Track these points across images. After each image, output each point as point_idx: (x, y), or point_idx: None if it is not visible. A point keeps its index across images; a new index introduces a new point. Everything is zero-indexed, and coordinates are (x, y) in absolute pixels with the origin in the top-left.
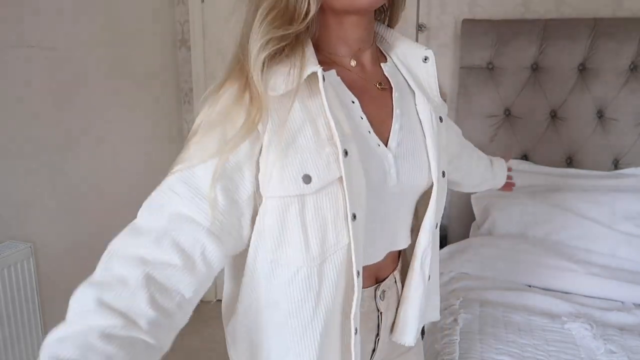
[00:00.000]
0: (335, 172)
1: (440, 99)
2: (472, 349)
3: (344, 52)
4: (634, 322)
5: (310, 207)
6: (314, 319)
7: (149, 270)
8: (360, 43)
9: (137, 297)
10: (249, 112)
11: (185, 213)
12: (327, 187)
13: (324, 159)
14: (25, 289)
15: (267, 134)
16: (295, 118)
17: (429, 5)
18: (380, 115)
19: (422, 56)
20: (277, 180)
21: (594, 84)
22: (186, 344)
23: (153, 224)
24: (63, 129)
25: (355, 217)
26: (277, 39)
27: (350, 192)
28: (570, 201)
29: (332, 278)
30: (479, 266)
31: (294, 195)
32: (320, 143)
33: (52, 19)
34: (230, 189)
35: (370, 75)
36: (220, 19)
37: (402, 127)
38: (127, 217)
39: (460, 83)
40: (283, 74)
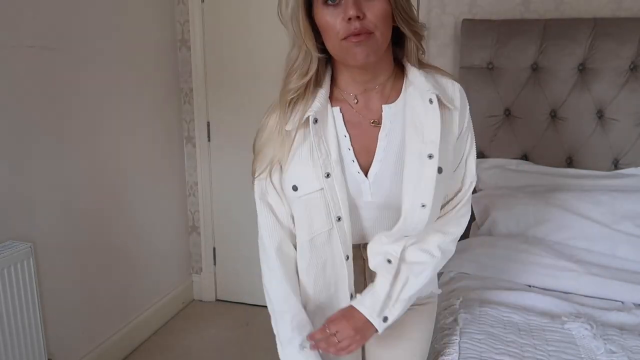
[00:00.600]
0: (319, 185)
1: (436, 137)
2: (472, 348)
3: (352, 90)
4: (634, 322)
5: (298, 206)
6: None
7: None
8: (366, 84)
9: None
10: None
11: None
12: (310, 194)
13: (309, 175)
14: (25, 289)
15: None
16: (296, 145)
17: (429, 5)
18: (367, 147)
19: (428, 98)
20: (282, 186)
21: (594, 84)
22: (186, 344)
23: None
24: (63, 129)
25: (340, 218)
26: (294, 88)
27: (334, 201)
28: (570, 201)
29: (318, 252)
30: (479, 266)
31: (289, 197)
32: (309, 162)
33: (52, 19)
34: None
35: (369, 113)
36: (220, 19)
37: (383, 159)
38: (127, 217)
39: (460, 83)
40: (296, 113)
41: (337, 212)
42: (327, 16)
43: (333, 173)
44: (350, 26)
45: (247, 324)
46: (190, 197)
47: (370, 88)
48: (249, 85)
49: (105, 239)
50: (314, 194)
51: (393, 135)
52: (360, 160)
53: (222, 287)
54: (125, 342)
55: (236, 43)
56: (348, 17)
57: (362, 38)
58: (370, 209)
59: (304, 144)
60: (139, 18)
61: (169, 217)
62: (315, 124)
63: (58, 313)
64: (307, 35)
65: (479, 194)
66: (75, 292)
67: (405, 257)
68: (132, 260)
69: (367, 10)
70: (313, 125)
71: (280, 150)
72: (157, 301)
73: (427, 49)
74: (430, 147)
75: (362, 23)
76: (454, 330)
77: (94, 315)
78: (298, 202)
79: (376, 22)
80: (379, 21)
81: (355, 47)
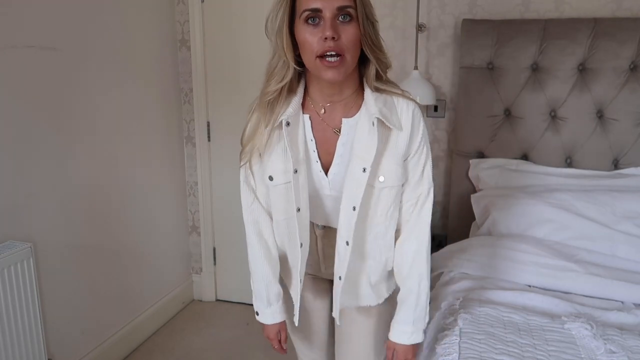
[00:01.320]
0: (288, 179)
1: (371, 155)
2: (472, 348)
3: (320, 100)
4: (634, 322)
5: (274, 193)
6: (282, 241)
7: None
8: (332, 97)
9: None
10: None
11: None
12: (281, 185)
13: (282, 169)
14: (25, 289)
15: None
16: (273, 142)
17: (429, 5)
18: (328, 151)
19: (372, 121)
20: (262, 175)
21: (594, 84)
22: (186, 344)
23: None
24: (63, 129)
25: (299, 210)
26: (271, 91)
27: (297, 193)
28: (570, 201)
29: (286, 231)
30: (479, 266)
31: (267, 185)
32: (283, 158)
33: (52, 19)
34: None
35: (332, 122)
36: (220, 19)
37: (339, 164)
38: (127, 217)
39: (460, 83)
40: (272, 115)
41: (298, 203)
42: (307, 34)
43: (300, 169)
44: (325, 44)
45: (247, 324)
46: (190, 197)
47: (335, 100)
48: (249, 85)
49: (105, 239)
50: (283, 185)
51: (348, 145)
52: (322, 160)
53: (222, 287)
54: (125, 342)
55: (236, 43)
56: (325, 37)
57: (335, 64)
58: (330, 200)
59: (279, 143)
60: (139, 18)
61: (169, 217)
62: (287, 126)
63: (58, 313)
64: (287, 48)
65: (479, 194)
66: (75, 292)
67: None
68: (132, 260)
69: (342, 33)
70: (286, 128)
71: (260, 142)
72: (157, 301)
73: (427, 49)
74: (366, 162)
75: (337, 44)
76: (454, 330)
77: (94, 315)
78: (273, 190)
79: (348, 44)
80: (350, 44)
81: (327, 69)
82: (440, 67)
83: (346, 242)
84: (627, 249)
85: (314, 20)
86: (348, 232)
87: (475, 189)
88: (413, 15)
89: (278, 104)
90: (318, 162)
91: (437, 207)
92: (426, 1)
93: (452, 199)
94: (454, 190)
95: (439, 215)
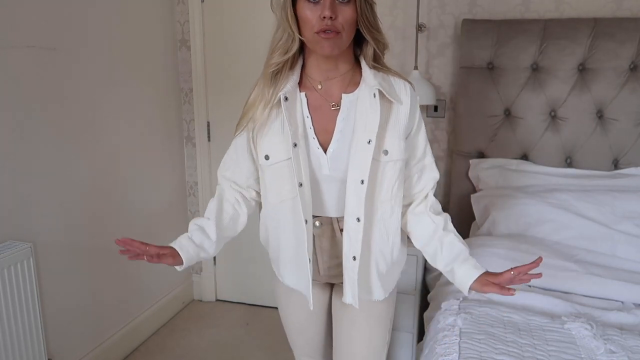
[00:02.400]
0: (287, 155)
1: (375, 126)
2: (472, 348)
3: (317, 76)
4: (634, 322)
5: (269, 173)
6: (279, 227)
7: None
8: (329, 72)
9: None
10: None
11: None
12: (279, 163)
13: (279, 146)
14: (25, 289)
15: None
16: (271, 119)
17: (429, 5)
18: (326, 128)
19: (372, 92)
20: (257, 157)
21: (594, 84)
22: (186, 344)
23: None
24: (63, 129)
25: (302, 184)
26: (275, 62)
27: (297, 168)
28: (570, 201)
29: (285, 214)
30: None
31: (260, 165)
32: (280, 136)
33: (52, 19)
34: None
35: (330, 98)
36: (220, 19)
37: (339, 139)
38: (127, 217)
39: (460, 83)
40: (274, 88)
41: (299, 178)
42: (307, 11)
43: (299, 144)
44: (323, 23)
45: (247, 324)
46: (190, 197)
47: (332, 76)
48: (249, 85)
49: (105, 238)
50: (282, 162)
51: (348, 120)
52: (320, 138)
53: (222, 287)
54: (125, 342)
55: (236, 43)
56: (323, 16)
57: (331, 36)
58: (328, 182)
59: (276, 120)
60: (139, 18)
61: (169, 217)
62: (286, 101)
63: (58, 313)
64: (292, 21)
65: (479, 194)
66: (75, 292)
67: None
68: (132, 260)
69: (339, 13)
70: (284, 102)
71: (260, 113)
72: (157, 301)
73: (427, 49)
74: (370, 134)
75: (334, 23)
76: (453, 330)
77: (94, 315)
78: (269, 170)
79: (344, 24)
80: (346, 24)
81: (324, 41)
82: (440, 67)
83: (357, 218)
84: (627, 249)
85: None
86: (358, 207)
87: (475, 189)
88: (413, 15)
89: (281, 76)
90: (315, 139)
91: None
92: (426, 1)
93: (452, 199)
94: (454, 190)
95: None
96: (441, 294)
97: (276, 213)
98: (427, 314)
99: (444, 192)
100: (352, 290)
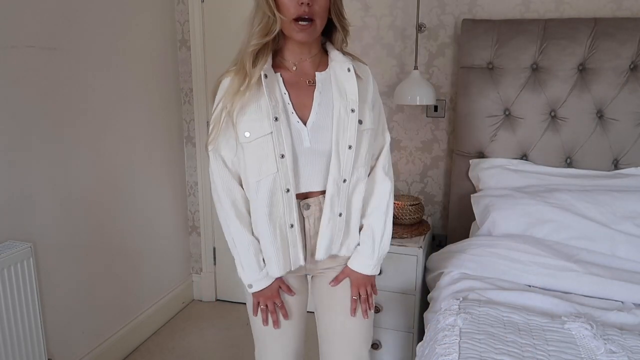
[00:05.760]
0: (268, 129)
1: (355, 96)
2: (472, 348)
3: (291, 58)
4: (634, 322)
5: (249, 151)
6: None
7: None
8: (301, 55)
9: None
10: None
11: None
12: (259, 138)
13: (260, 122)
14: (25, 289)
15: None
16: (249, 98)
17: (429, 5)
18: (304, 103)
19: (346, 67)
20: (237, 137)
21: (594, 84)
22: (186, 344)
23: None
24: (62, 129)
25: (283, 156)
26: (257, 43)
27: (279, 141)
28: (570, 201)
29: (265, 191)
30: (479, 266)
31: (241, 143)
32: (260, 113)
33: (52, 19)
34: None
35: (305, 76)
36: (220, 19)
37: (318, 112)
38: (127, 217)
39: (460, 83)
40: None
41: (281, 150)
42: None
43: (280, 117)
44: (300, 9)
45: (247, 324)
46: (190, 197)
47: (304, 58)
48: None
49: (105, 238)
50: (264, 137)
51: (325, 94)
52: (298, 113)
53: (222, 287)
54: (125, 342)
55: (236, 43)
56: (301, 2)
57: (306, 27)
58: (308, 155)
59: (254, 99)
60: (139, 18)
61: (169, 217)
62: (266, 79)
63: (58, 313)
64: (273, 5)
65: (479, 194)
66: (75, 292)
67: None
68: (132, 260)
69: (315, 2)
70: (265, 80)
71: (233, 98)
72: (157, 301)
73: (427, 49)
74: (351, 104)
75: (311, 9)
76: (453, 330)
77: (94, 315)
78: (249, 147)
79: (319, 10)
80: (321, 10)
81: (300, 31)
82: (440, 67)
83: (343, 180)
84: (627, 249)
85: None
86: (346, 169)
87: (475, 189)
88: (413, 15)
89: (262, 56)
90: (294, 114)
91: (437, 207)
92: (426, 1)
93: (452, 199)
94: (454, 190)
95: (439, 216)
96: (441, 294)
97: (256, 193)
98: (427, 314)
99: (444, 192)
100: (326, 245)
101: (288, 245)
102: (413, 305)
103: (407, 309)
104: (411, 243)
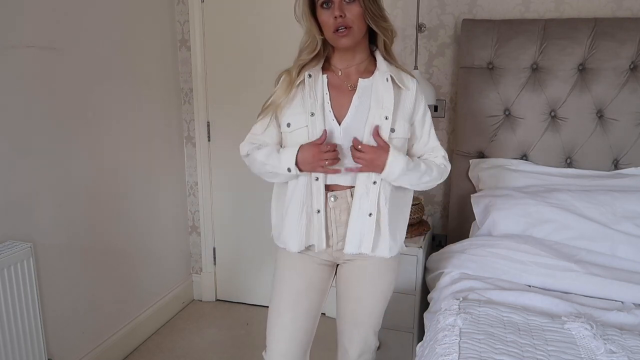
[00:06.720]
0: (304, 123)
1: (390, 105)
2: (472, 348)
3: (339, 65)
4: (634, 322)
5: (290, 140)
6: (294, 189)
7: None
8: (347, 62)
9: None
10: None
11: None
12: (299, 129)
13: (300, 116)
14: (25, 289)
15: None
16: (295, 97)
17: (429, 5)
18: (342, 104)
19: (385, 77)
20: (280, 126)
21: (594, 84)
22: (186, 344)
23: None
24: (62, 129)
25: None
26: (304, 59)
27: (313, 135)
28: (570, 201)
29: (303, 176)
30: (479, 266)
31: (283, 132)
32: (301, 107)
33: (52, 19)
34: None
35: (348, 81)
36: (220, 19)
37: (354, 114)
38: (127, 217)
39: (460, 83)
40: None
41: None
42: (324, 16)
43: (316, 113)
44: (337, 22)
45: (247, 324)
46: (190, 197)
47: (350, 65)
48: (249, 85)
49: (105, 239)
50: (301, 129)
51: (363, 100)
52: (335, 113)
53: (222, 287)
54: (125, 342)
55: (236, 43)
56: (335, 16)
57: (344, 33)
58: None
59: (299, 97)
60: (139, 18)
61: (169, 217)
62: (309, 78)
63: (58, 313)
64: (313, 27)
65: (479, 194)
66: (75, 292)
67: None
68: (132, 260)
69: (347, 11)
70: (308, 79)
71: (283, 94)
72: (157, 301)
73: (427, 49)
74: (386, 111)
75: (344, 20)
76: (453, 330)
77: (94, 315)
78: (290, 136)
79: (353, 19)
80: (355, 18)
81: (340, 38)
82: (440, 67)
83: (373, 182)
84: (627, 249)
85: (327, 5)
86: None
87: (475, 189)
88: (413, 15)
89: (312, 62)
90: (331, 112)
91: (437, 207)
92: (426, 1)
93: (452, 199)
94: (454, 190)
95: (439, 216)
96: (441, 294)
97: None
98: (427, 314)
99: (444, 192)
100: (357, 241)
101: (313, 227)
102: (413, 305)
103: (407, 309)
104: (411, 243)
